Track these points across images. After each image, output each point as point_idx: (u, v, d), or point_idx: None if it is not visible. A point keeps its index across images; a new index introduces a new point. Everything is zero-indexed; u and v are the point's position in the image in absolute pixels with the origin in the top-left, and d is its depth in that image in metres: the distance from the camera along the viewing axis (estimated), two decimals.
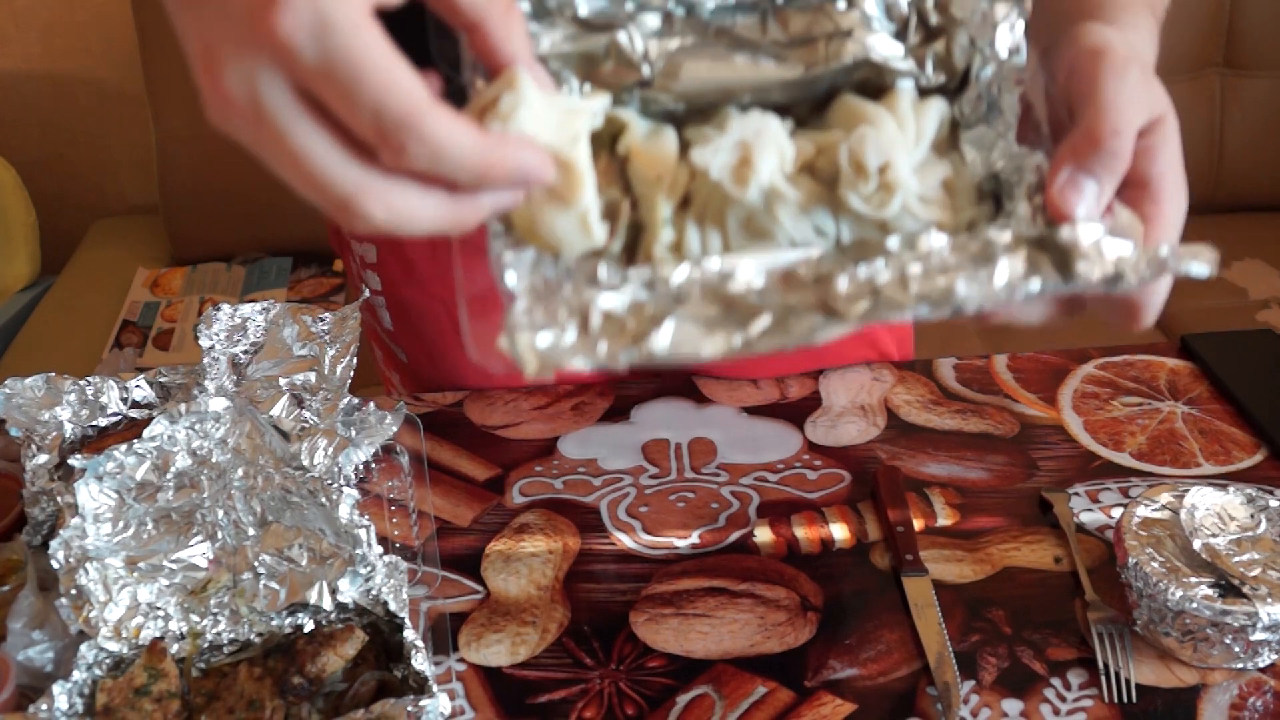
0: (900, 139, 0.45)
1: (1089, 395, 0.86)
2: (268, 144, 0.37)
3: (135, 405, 0.76)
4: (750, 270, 0.41)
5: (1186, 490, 0.66)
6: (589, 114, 0.41)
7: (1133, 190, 0.45)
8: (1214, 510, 0.65)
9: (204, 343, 0.75)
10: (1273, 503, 0.65)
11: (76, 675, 0.58)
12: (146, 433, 0.65)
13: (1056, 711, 0.62)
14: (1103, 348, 0.91)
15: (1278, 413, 0.82)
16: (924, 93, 0.47)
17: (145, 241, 2.08)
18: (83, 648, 0.59)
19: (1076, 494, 0.77)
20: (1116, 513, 0.75)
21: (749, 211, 0.44)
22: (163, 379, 0.77)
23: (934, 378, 0.88)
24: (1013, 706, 0.62)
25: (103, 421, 0.75)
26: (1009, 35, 0.45)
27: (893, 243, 0.42)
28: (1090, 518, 0.75)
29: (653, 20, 0.45)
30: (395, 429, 0.73)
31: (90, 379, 0.75)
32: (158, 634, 0.60)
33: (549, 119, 0.39)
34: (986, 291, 0.40)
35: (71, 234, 2.11)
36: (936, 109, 0.47)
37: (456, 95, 0.40)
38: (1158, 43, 0.52)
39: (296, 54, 0.34)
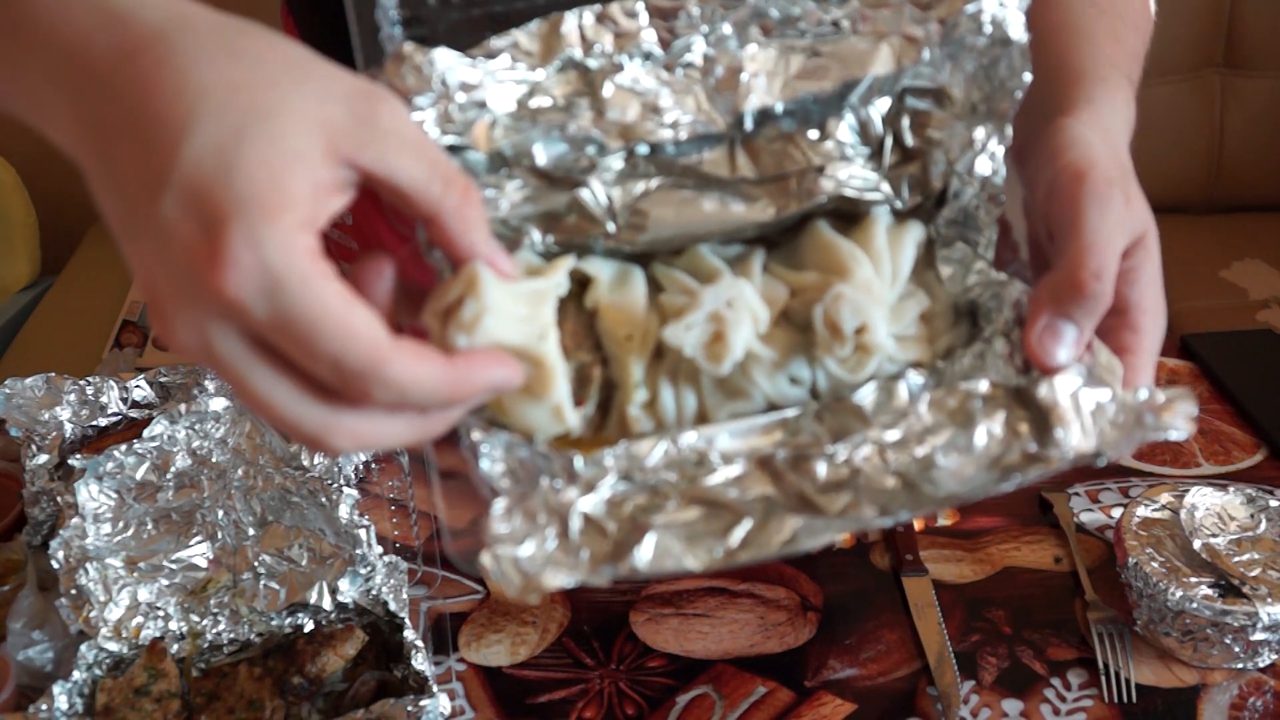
0: (877, 288, 0.43)
1: None
2: (231, 384, 0.35)
3: (135, 405, 0.76)
4: (726, 444, 0.40)
5: (1186, 490, 0.66)
6: (554, 294, 0.39)
7: (1111, 319, 0.44)
8: (1214, 510, 0.65)
9: None
10: (1273, 503, 0.65)
11: (76, 675, 0.58)
12: (146, 433, 0.65)
13: (1056, 711, 0.62)
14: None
15: (1278, 413, 0.82)
16: (899, 215, 0.46)
17: None
18: (83, 648, 0.59)
19: (1076, 494, 0.77)
20: (1116, 513, 0.75)
21: (724, 376, 0.42)
22: (163, 379, 0.77)
23: None
24: (1013, 706, 0.62)
25: (103, 421, 0.75)
26: (988, 159, 0.44)
27: (867, 393, 0.41)
28: (1090, 518, 0.75)
29: (615, 162, 0.43)
30: None
31: (90, 379, 0.75)
32: (158, 634, 0.61)
33: (513, 313, 0.38)
34: (963, 480, 0.39)
35: (71, 234, 2.11)
36: (913, 236, 0.45)
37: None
38: (1134, 110, 0.51)
39: (248, 311, 0.33)
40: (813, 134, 0.44)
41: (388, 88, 0.38)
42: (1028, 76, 0.43)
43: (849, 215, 0.46)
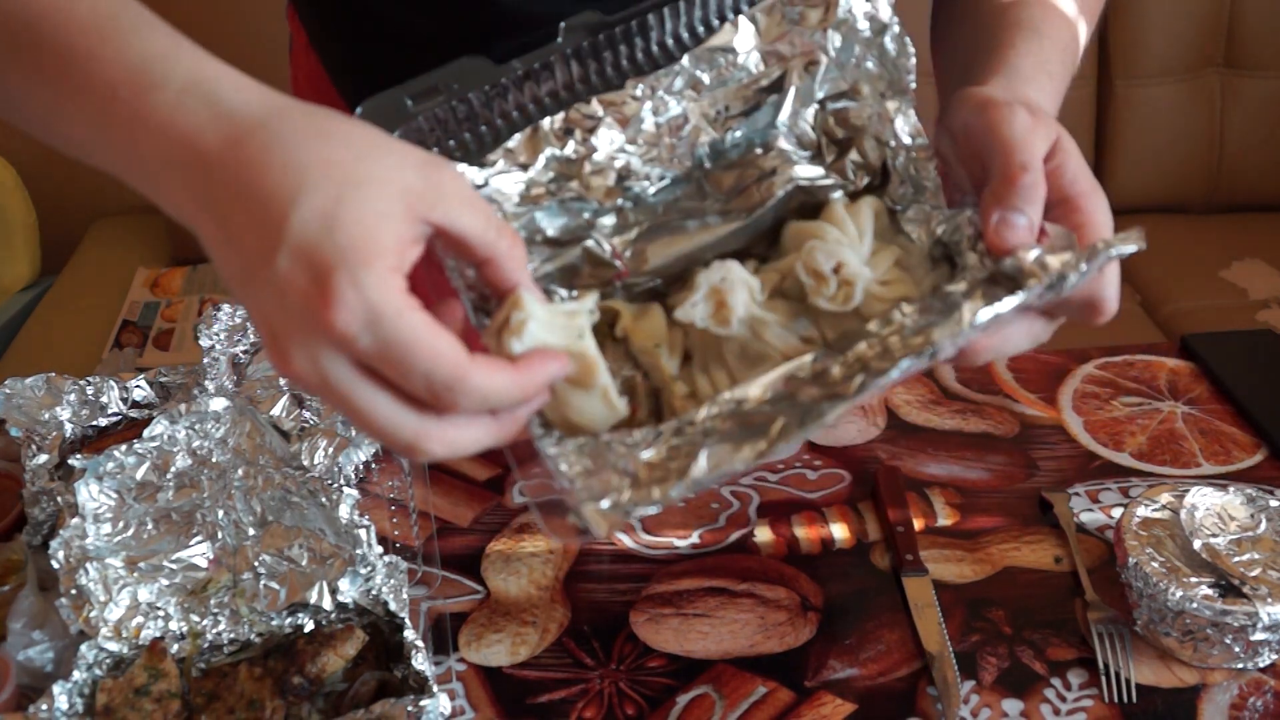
0: (844, 240, 0.50)
1: (1089, 395, 0.86)
2: (337, 404, 0.42)
3: (135, 405, 0.76)
4: (758, 390, 0.46)
5: (1186, 490, 0.66)
6: (585, 311, 0.47)
7: (1056, 209, 0.49)
8: (1214, 510, 0.65)
9: (204, 343, 0.75)
10: (1273, 503, 0.65)
11: (77, 675, 0.58)
12: (146, 433, 0.65)
13: (1056, 711, 0.62)
14: (1103, 348, 0.91)
15: (1278, 413, 0.82)
16: (855, 196, 0.52)
17: (145, 241, 2.08)
18: (83, 648, 0.59)
19: (1077, 494, 0.77)
20: (1116, 513, 0.75)
21: (740, 344, 0.49)
22: (163, 379, 0.77)
23: (934, 378, 0.88)
24: (1013, 706, 0.62)
25: (103, 421, 0.75)
26: (905, 124, 0.51)
27: (873, 326, 0.47)
28: (1090, 518, 0.75)
29: (608, 219, 0.51)
30: None
31: (90, 379, 0.75)
32: (158, 634, 0.60)
33: (554, 324, 0.45)
34: (956, 330, 0.44)
35: (71, 234, 2.11)
36: (868, 205, 0.52)
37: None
38: (1058, 99, 0.58)
39: (354, 341, 0.40)
40: (759, 151, 0.52)
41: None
42: (912, 50, 0.51)
43: (814, 208, 0.52)
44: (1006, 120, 0.50)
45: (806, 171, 0.52)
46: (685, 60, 0.51)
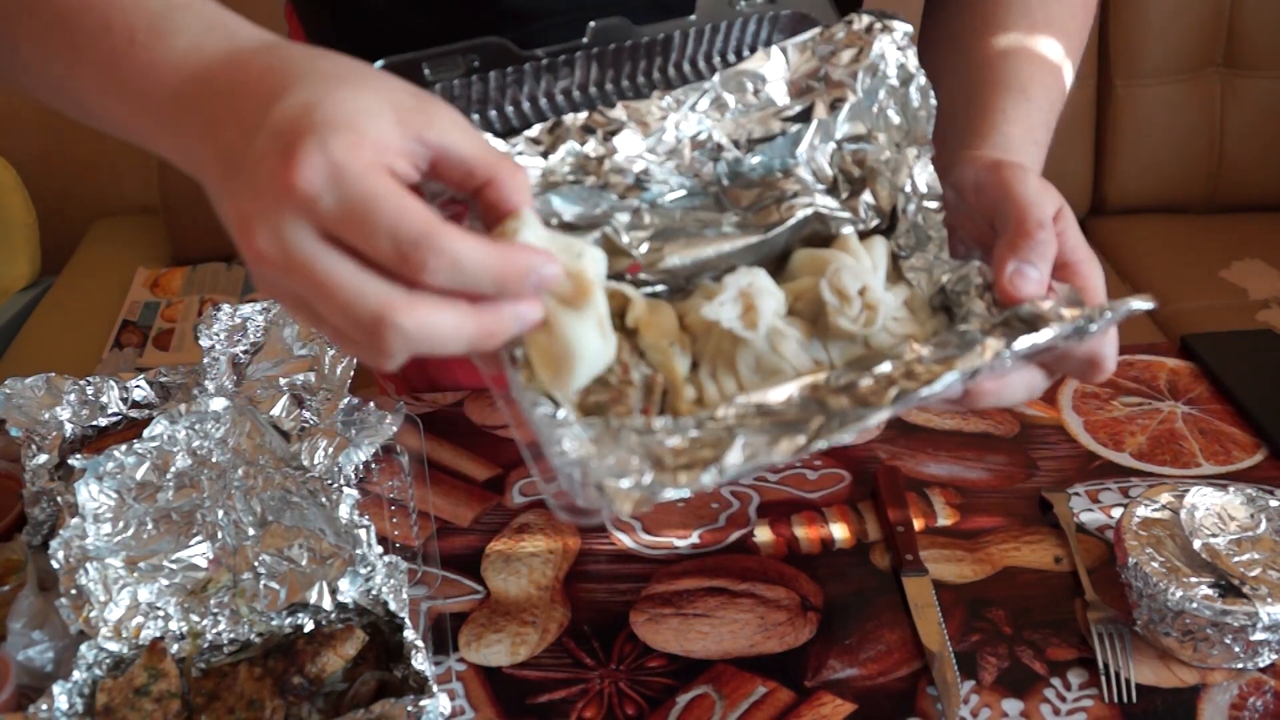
0: (864, 268, 0.51)
1: (1089, 395, 0.86)
2: (298, 281, 0.39)
3: (135, 405, 0.76)
4: (779, 396, 0.45)
5: (1186, 490, 0.66)
6: (588, 242, 0.46)
7: (1058, 272, 0.51)
8: (1214, 510, 0.65)
9: (204, 343, 0.75)
10: (1273, 503, 0.65)
11: (76, 675, 0.58)
12: (146, 433, 0.65)
13: (1056, 711, 0.62)
14: None
15: (1277, 413, 0.82)
16: (863, 235, 0.53)
17: (145, 241, 2.08)
18: (83, 648, 0.59)
19: (1076, 494, 0.77)
20: (1116, 513, 0.75)
21: (757, 355, 0.48)
22: (163, 379, 0.77)
23: None
24: (1013, 706, 0.62)
25: (103, 421, 0.75)
26: (923, 175, 0.53)
27: (890, 357, 0.47)
28: (1090, 518, 0.75)
29: (625, 216, 0.51)
30: (395, 429, 0.73)
31: (90, 379, 0.75)
32: (158, 634, 0.60)
33: (552, 242, 0.43)
34: (983, 361, 0.45)
35: (71, 234, 2.11)
36: (881, 242, 0.53)
37: None
38: (1042, 165, 0.62)
39: (316, 202, 0.38)
40: (779, 175, 0.53)
41: None
42: (934, 102, 0.53)
43: (823, 240, 0.53)
44: (1020, 180, 0.52)
45: (824, 201, 0.53)
46: (715, 79, 0.52)
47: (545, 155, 0.50)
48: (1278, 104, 1.93)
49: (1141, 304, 0.47)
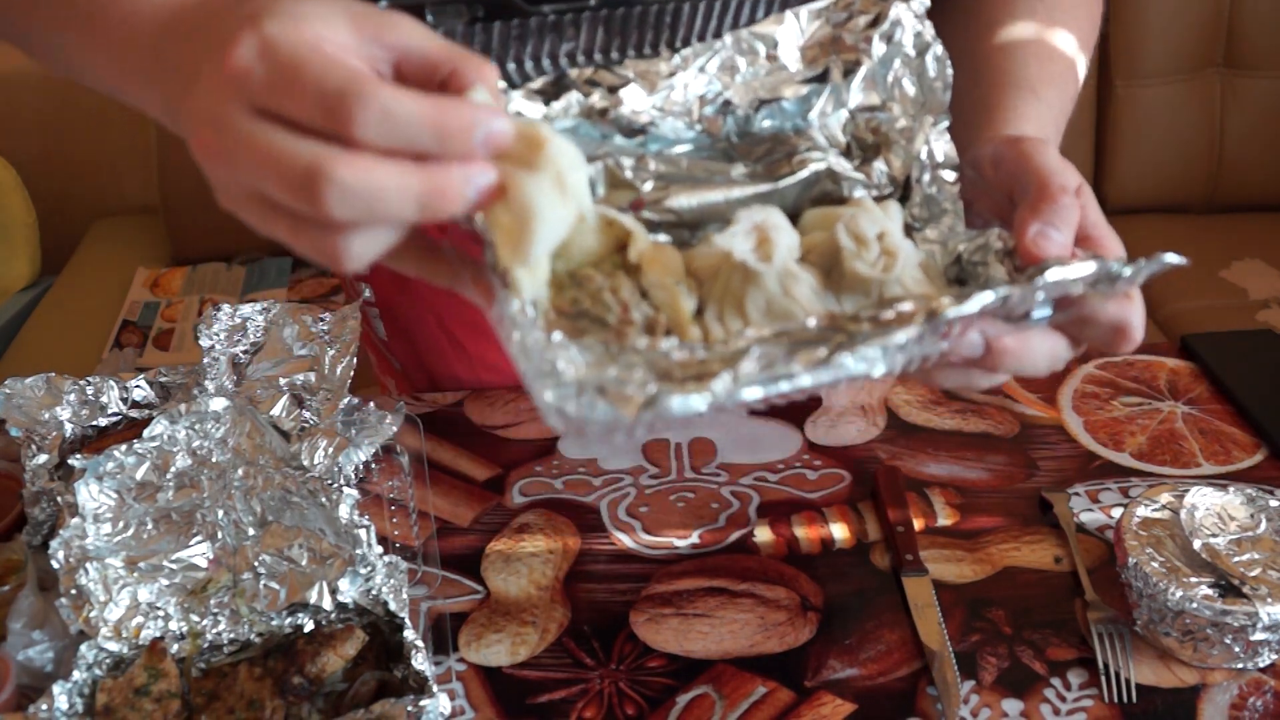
0: (881, 215, 0.49)
1: (1089, 395, 0.86)
2: (240, 165, 0.39)
3: (135, 405, 0.76)
4: (797, 325, 0.43)
5: (1186, 490, 0.66)
6: (548, 119, 0.43)
7: (1080, 244, 0.50)
8: (1214, 510, 0.65)
9: (204, 343, 0.75)
10: (1273, 503, 0.65)
11: (76, 675, 0.58)
12: (146, 433, 0.65)
13: (1056, 711, 0.62)
14: None
15: (1277, 413, 0.82)
16: (876, 201, 0.51)
17: (145, 241, 2.08)
18: (83, 648, 0.59)
19: (1076, 494, 0.77)
20: (1116, 513, 0.75)
21: (768, 298, 0.46)
22: (163, 379, 0.77)
23: None
24: (1013, 706, 0.62)
25: (103, 421, 0.75)
26: (939, 141, 0.51)
27: (905, 302, 0.45)
28: (1090, 518, 0.75)
29: (630, 160, 0.50)
30: (395, 429, 0.73)
31: (90, 379, 0.75)
32: (158, 634, 0.61)
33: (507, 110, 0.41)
34: (1014, 291, 0.42)
35: (72, 234, 2.11)
36: (896, 206, 0.51)
37: None
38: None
39: (248, 76, 0.38)
40: (790, 134, 0.52)
41: None
42: (950, 72, 0.51)
43: (835, 201, 0.51)
44: (1042, 151, 0.51)
45: (838, 162, 0.51)
46: (726, 39, 0.50)
47: (547, 103, 0.48)
48: (1277, 104, 1.93)
49: (1175, 258, 0.45)
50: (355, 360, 0.75)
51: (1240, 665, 0.63)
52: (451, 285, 0.46)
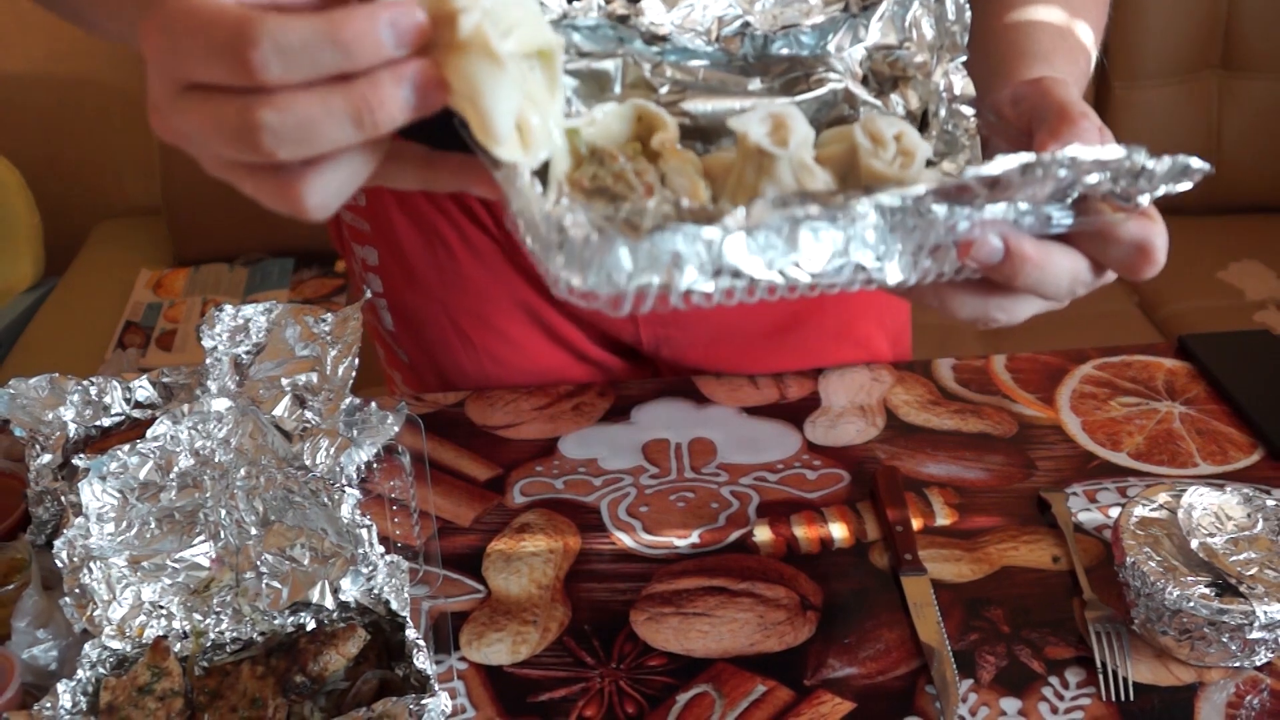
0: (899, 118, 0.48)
1: (1087, 395, 0.86)
2: (179, 131, 0.39)
3: (138, 405, 0.76)
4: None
5: (1184, 490, 0.67)
6: None
7: None
8: (1211, 510, 0.65)
9: (206, 343, 0.76)
10: (1269, 502, 0.66)
11: (80, 673, 0.58)
12: (150, 433, 0.65)
13: (1054, 710, 0.62)
14: (1101, 348, 0.92)
15: (1274, 413, 0.82)
16: None
17: (148, 242, 2.09)
18: (86, 646, 0.59)
19: (1074, 494, 0.77)
20: (1114, 512, 0.75)
21: (782, 190, 0.45)
22: (165, 379, 0.77)
23: (933, 378, 0.88)
24: (1011, 705, 0.63)
25: (106, 421, 0.75)
26: (957, 75, 0.50)
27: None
28: (1088, 517, 0.75)
29: (648, 66, 0.49)
30: (397, 429, 0.73)
31: (94, 379, 0.75)
32: (161, 633, 0.61)
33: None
34: (1040, 159, 0.41)
35: (75, 235, 2.12)
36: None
37: None
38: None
39: (162, 55, 0.38)
40: (808, 58, 0.51)
41: None
42: (968, 16, 0.50)
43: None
44: (1062, 86, 0.50)
45: (855, 86, 0.51)
46: None
47: (570, 1, 0.48)
48: (1274, 105, 1.93)
49: (1200, 163, 0.44)
50: (357, 361, 0.76)
51: (1237, 664, 0.64)
52: (461, 187, 0.45)
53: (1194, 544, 0.63)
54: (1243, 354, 0.89)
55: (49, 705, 0.56)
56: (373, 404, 0.74)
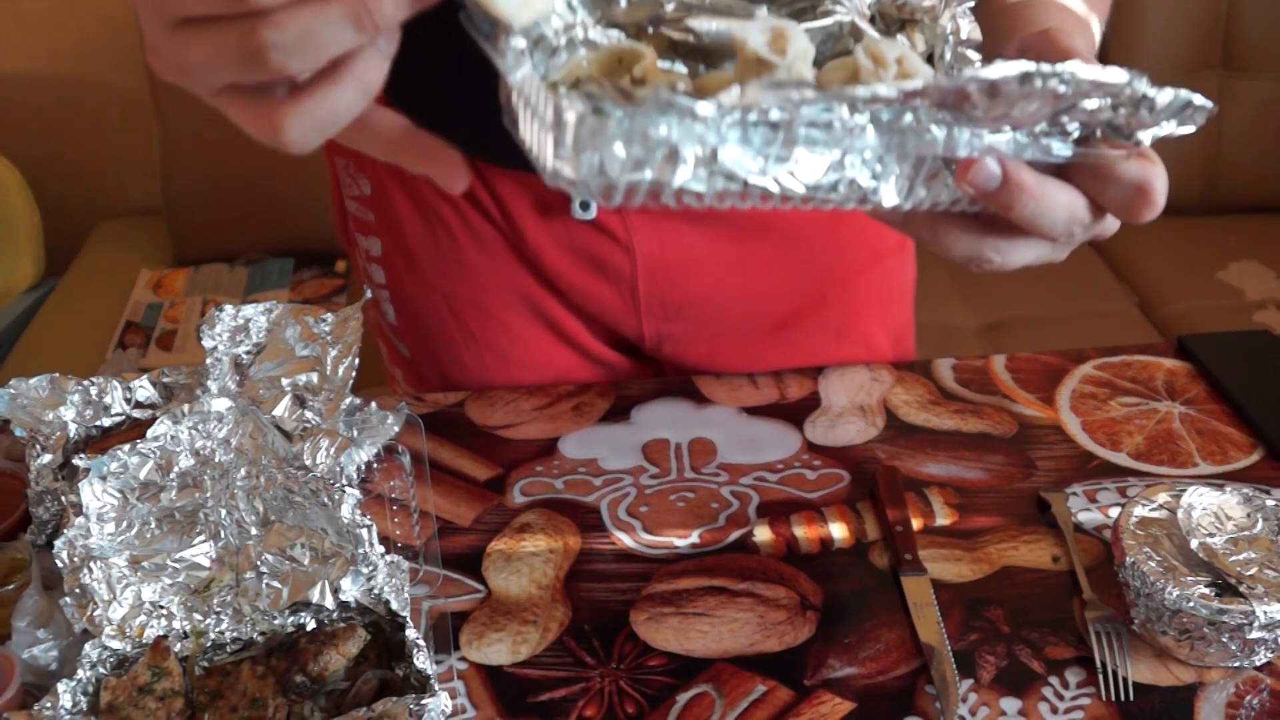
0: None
1: (1087, 395, 0.86)
2: (179, 67, 0.41)
3: (139, 405, 0.76)
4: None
5: (1184, 490, 0.67)
6: None
7: None
8: (1211, 510, 0.65)
9: (207, 343, 0.76)
10: (1269, 502, 0.66)
11: (81, 673, 0.58)
12: (150, 433, 0.65)
13: (1054, 710, 0.62)
14: (1100, 348, 0.92)
15: (1274, 413, 0.83)
16: None
17: (148, 242, 2.09)
18: (87, 646, 0.59)
19: (1074, 494, 0.77)
20: (1114, 512, 0.75)
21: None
22: (166, 379, 0.77)
23: (932, 378, 0.88)
24: (1011, 705, 0.63)
25: (106, 421, 0.75)
26: (964, 20, 0.49)
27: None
28: (1088, 517, 0.75)
29: None
30: (397, 429, 0.73)
31: (94, 379, 0.75)
32: (161, 633, 0.61)
33: None
34: (1039, 70, 0.40)
35: (75, 235, 2.12)
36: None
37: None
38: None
39: None
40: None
41: None
42: None
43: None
44: (1069, 37, 0.50)
45: (862, 21, 0.50)
46: None
47: None
48: (1274, 105, 1.93)
49: (1202, 100, 0.43)
50: (358, 361, 0.76)
51: (1237, 664, 0.64)
52: (424, 170, 0.47)
53: (1194, 544, 0.63)
54: (1243, 354, 0.89)
55: (49, 705, 0.56)
56: (373, 404, 0.74)
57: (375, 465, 0.77)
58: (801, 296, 0.90)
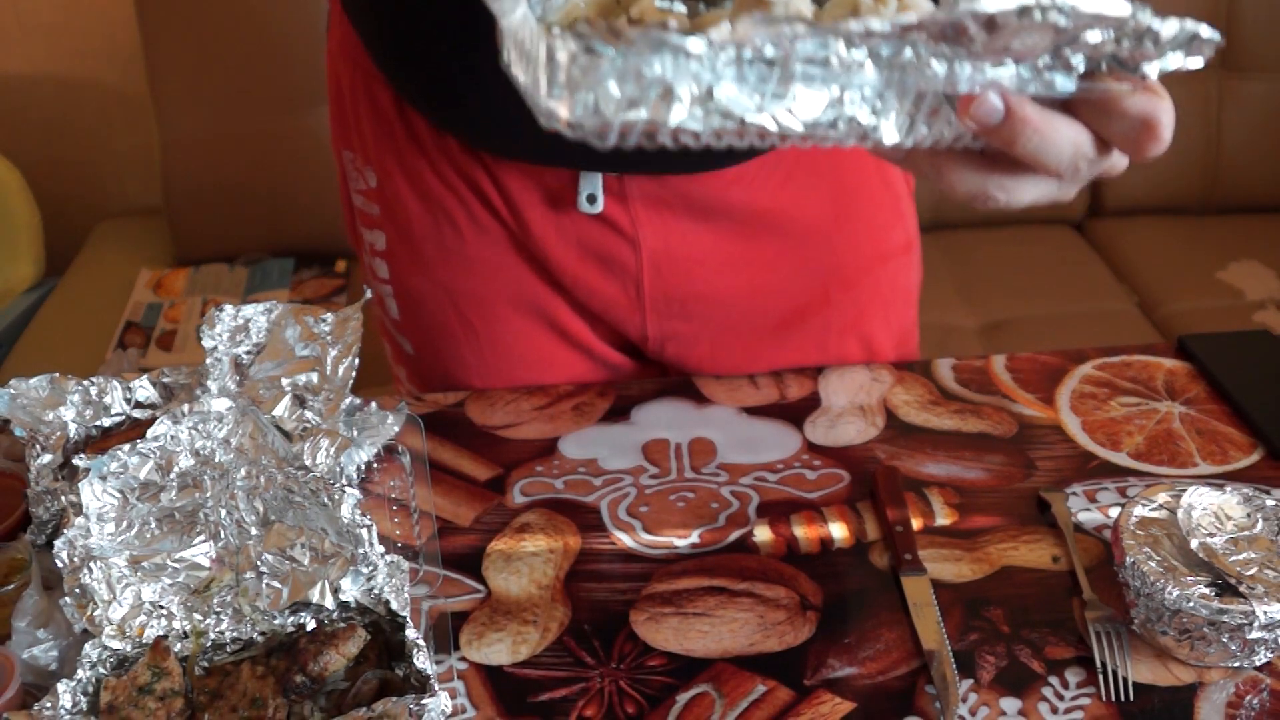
0: None
1: (1087, 395, 0.86)
2: None
3: (139, 405, 0.76)
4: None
5: (1184, 490, 0.67)
6: None
7: None
8: (1211, 510, 0.65)
9: (207, 343, 0.76)
10: (1269, 502, 0.66)
11: (81, 673, 0.58)
12: (150, 433, 0.65)
13: (1054, 710, 0.62)
14: (1100, 348, 0.92)
15: (1274, 413, 0.83)
16: None
17: (148, 243, 2.09)
18: (87, 646, 0.59)
19: (1074, 494, 0.77)
20: (1114, 512, 0.75)
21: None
22: (166, 379, 0.77)
23: (932, 378, 0.88)
24: (1011, 705, 0.63)
25: (106, 422, 0.75)
26: None
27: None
28: (1088, 517, 0.75)
29: None
30: (397, 429, 0.74)
31: (94, 379, 0.75)
32: (161, 633, 0.61)
33: None
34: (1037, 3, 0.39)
35: (75, 235, 2.12)
36: None
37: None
38: None
39: None
40: None
41: None
42: None
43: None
44: None
45: None
46: None
47: None
48: (1274, 106, 1.93)
49: (1210, 32, 0.42)
50: (358, 361, 0.76)
51: (1237, 664, 0.64)
52: None
53: (1194, 544, 0.63)
54: (1242, 354, 0.89)
55: (49, 705, 0.56)
56: (373, 404, 0.74)
57: (375, 465, 0.77)
58: (806, 295, 0.90)
